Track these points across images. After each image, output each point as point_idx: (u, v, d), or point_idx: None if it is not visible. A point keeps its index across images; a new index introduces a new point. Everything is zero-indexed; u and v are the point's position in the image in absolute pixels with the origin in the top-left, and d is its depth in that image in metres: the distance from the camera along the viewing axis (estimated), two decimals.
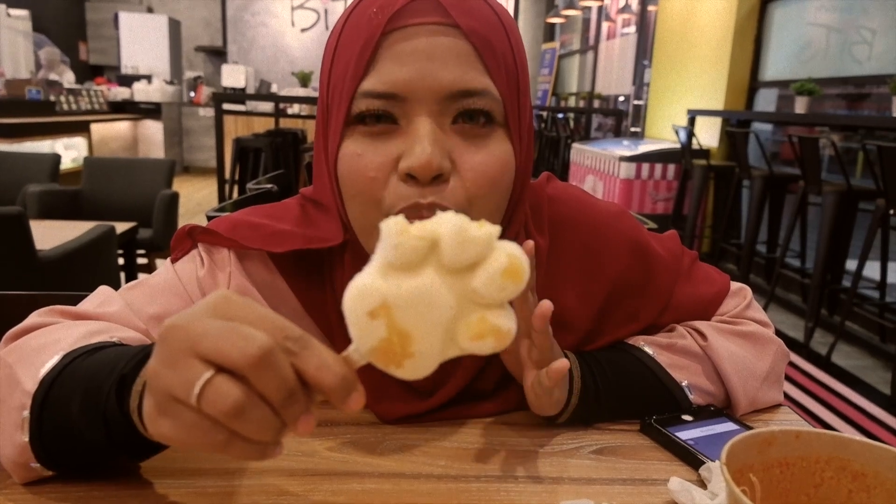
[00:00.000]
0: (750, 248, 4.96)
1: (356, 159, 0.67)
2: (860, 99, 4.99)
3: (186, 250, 0.80)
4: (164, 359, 0.45)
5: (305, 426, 0.45)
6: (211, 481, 0.65)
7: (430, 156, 0.63)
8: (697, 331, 0.86)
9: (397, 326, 0.45)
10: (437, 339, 0.46)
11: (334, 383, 0.44)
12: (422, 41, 0.65)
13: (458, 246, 0.44)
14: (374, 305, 0.44)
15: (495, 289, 0.45)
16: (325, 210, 0.76)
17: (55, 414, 0.59)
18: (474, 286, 0.45)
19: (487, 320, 0.46)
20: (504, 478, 0.69)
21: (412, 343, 0.45)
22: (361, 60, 0.66)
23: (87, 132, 8.03)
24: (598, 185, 6.42)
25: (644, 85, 8.12)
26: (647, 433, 0.79)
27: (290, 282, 0.79)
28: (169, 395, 0.44)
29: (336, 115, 0.69)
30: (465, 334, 0.46)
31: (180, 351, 0.44)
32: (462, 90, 0.66)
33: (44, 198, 3.73)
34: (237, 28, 11.63)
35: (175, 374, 0.44)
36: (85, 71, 11.65)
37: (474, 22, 0.66)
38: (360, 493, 0.65)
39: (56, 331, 0.68)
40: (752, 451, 0.53)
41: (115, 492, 0.62)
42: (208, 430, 0.44)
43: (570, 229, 0.84)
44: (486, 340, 0.46)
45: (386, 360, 0.46)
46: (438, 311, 0.45)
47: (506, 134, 0.70)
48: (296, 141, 6.56)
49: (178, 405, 0.44)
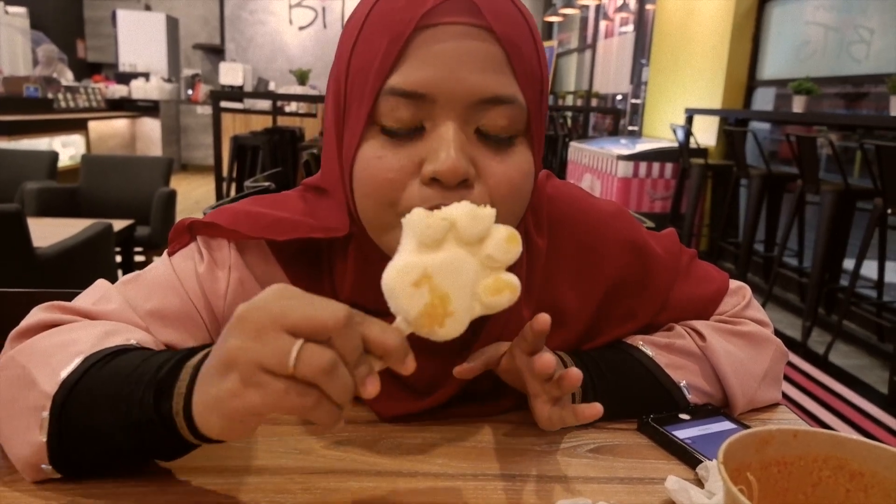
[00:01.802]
0: (748, 247, 4.96)
1: (376, 162, 0.66)
2: (858, 98, 4.99)
3: (185, 243, 0.78)
4: (249, 335, 0.49)
5: (373, 386, 0.51)
6: (209, 479, 0.65)
7: (455, 161, 0.62)
8: (696, 331, 0.86)
9: (438, 291, 0.55)
10: (467, 298, 0.56)
11: (396, 343, 0.52)
12: (453, 42, 0.63)
13: (472, 221, 0.56)
14: (418, 276, 0.54)
15: (503, 252, 0.57)
16: (329, 197, 0.75)
17: (79, 418, 0.59)
18: (488, 252, 0.56)
19: (501, 279, 0.57)
20: (501, 476, 0.69)
21: (450, 303, 0.55)
22: (389, 56, 0.64)
23: (85, 130, 8.03)
24: (595, 184, 6.42)
25: (642, 84, 8.12)
26: (644, 432, 0.79)
27: (290, 273, 0.78)
28: (259, 366, 0.48)
29: (356, 112, 0.67)
30: (485, 292, 0.57)
31: (266, 327, 0.49)
32: (491, 97, 0.64)
33: (42, 195, 3.73)
34: (235, 26, 11.61)
35: (265, 346, 0.48)
36: (83, 68, 11.62)
37: (506, 27, 0.65)
38: (357, 491, 0.65)
39: (69, 331, 0.68)
40: (749, 450, 0.53)
41: (114, 490, 0.62)
42: (300, 393, 0.48)
43: (569, 228, 0.84)
44: (503, 294, 0.57)
45: (430, 322, 0.55)
46: (465, 274, 0.56)
47: (527, 142, 0.69)
48: (293, 139, 6.56)
49: (268, 375, 0.48)
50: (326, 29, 11.54)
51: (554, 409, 0.70)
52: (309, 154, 3.75)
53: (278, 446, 0.72)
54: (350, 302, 0.74)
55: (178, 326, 0.75)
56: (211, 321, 0.77)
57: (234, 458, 0.68)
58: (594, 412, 0.66)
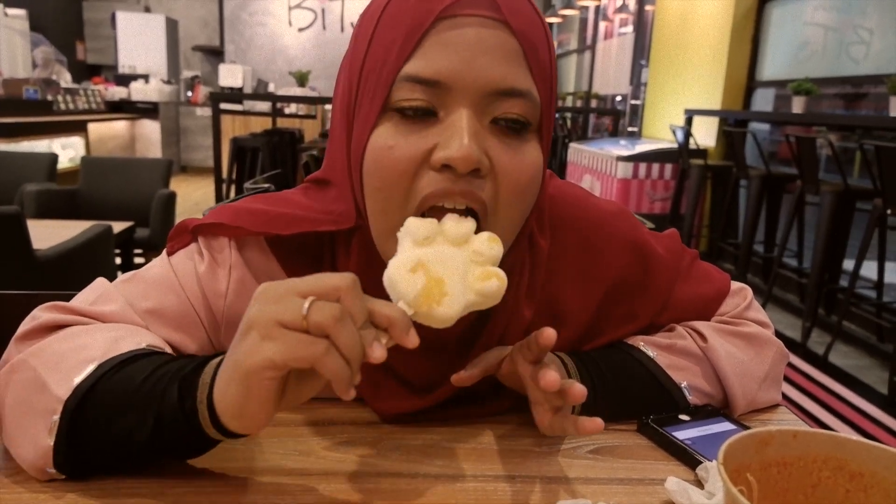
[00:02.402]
0: (747, 248, 4.96)
1: (387, 152, 0.65)
2: (857, 99, 4.99)
3: (185, 244, 0.78)
4: (268, 300, 0.54)
5: (380, 350, 0.55)
6: (210, 480, 0.65)
7: (468, 149, 0.62)
8: (697, 331, 0.86)
9: (432, 275, 0.61)
10: (460, 283, 0.62)
11: (399, 316, 0.57)
12: (472, 32, 0.64)
13: (457, 224, 0.64)
14: (413, 263, 0.61)
15: (487, 247, 0.64)
16: (333, 188, 0.75)
17: (93, 422, 0.60)
18: (474, 248, 0.64)
19: (489, 269, 0.64)
20: (501, 477, 0.69)
21: (445, 285, 0.61)
22: (408, 44, 0.64)
23: (85, 131, 8.02)
24: (595, 185, 6.42)
25: (641, 84, 8.13)
26: (644, 433, 0.79)
27: (289, 271, 0.77)
28: (275, 322, 0.53)
29: (371, 101, 0.67)
30: (476, 280, 0.63)
31: (282, 293, 0.54)
32: (508, 88, 0.64)
33: (41, 197, 3.73)
34: (234, 28, 11.62)
35: (281, 306, 0.53)
36: (82, 70, 11.62)
37: (522, 22, 0.65)
38: (357, 492, 0.65)
39: (79, 335, 0.68)
40: (749, 451, 0.53)
41: (115, 489, 0.62)
42: (311, 342, 0.52)
43: (570, 228, 0.84)
44: (491, 280, 0.63)
45: (429, 300, 0.60)
46: (456, 263, 0.63)
47: (538, 139, 0.69)
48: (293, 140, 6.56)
49: (282, 329, 0.53)
50: (326, 30, 11.55)
51: (555, 418, 0.69)
52: (308, 156, 3.74)
53: (278, 447, 0.72)
54: None
55: (176, 326, 0.75)
56: (210, 321, 0.77)
57: (235, 459, 0.69)
58: (595, 427, 0.64)
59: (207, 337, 0.77)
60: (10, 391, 0.65)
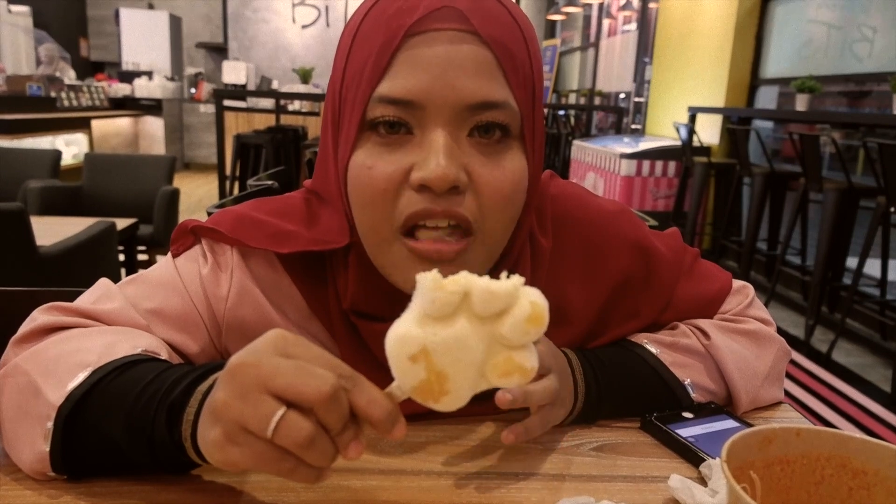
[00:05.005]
0: (750, 246, 4.95)
1: (367, 171, 0.65)
2: (861, 96, 4.98)
3: (189, 245, 0.79)
4: (235, 393, 0.49)
5: (356, 451, 0.51)
6: (212, 477, 0.65)
7: (444, 169, 0.62)
8: (700, 329, 0.86)
9: (435, 368, 0.51)
10: (470, 378, 0.52)
11: (382, 416, 0.51)
12: (441, 48, 0.63)
13: (487, 299, 0.50)
14: (414, 351, 0.50)
15: (520, 333, 0.51)
16: (329, 205, 0.75)
17: (87, 430, 0.60)
18: (502, 332, 0.51)
19: (513, 360, 0.52)
20: (505, 475, 0.69)
21: (448, 382, 0.51)
22: (379, 64, 0.64)
23: (88, 128, 8.03)
24: (598, 183, 6.42)
25: (645, 82, 8.11)
26: (647, 430, 0.79)
27: (296, 281, 0.78)
28: (241, 426, 0.48)
29: (349, 120, 0.67)
30: (493, 372, 0.52)
31: (253, 387, 0.48)
32: (481, 102, 0.64)
33: (44, 194, 3.74)
34: (238, 24, 11.60)
35: (248, 407, 0.48)
36: (86, 67, 11.64)
37: (495, 30, 0.65)
38: (360, 489, 0.65)
39: (74, 339, 0.68)
40: (752, 449, 0.53)
41: (117, 488, 0.62)
42: (278, 458, 0.49)
43: (572, 227, 0.84)
44: (512, 377, 0.52)
45: (425, 397, 0.52)
46: (470, 354, 0.51)
47: (520, 147, 0.68)
48: (296, 137, 6.57)
49: (250, 436, 0.49)
50: (329, 27, 11.53)
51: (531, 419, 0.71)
52: (311, 153, 3.75)
53: None
54: (352, 309, 0.74)
55: (179, 327, 0.75)
56: (212, 324, 0.77)
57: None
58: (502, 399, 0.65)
59: (209, 338, 0.77)
60: (5, 396, 0.65)
